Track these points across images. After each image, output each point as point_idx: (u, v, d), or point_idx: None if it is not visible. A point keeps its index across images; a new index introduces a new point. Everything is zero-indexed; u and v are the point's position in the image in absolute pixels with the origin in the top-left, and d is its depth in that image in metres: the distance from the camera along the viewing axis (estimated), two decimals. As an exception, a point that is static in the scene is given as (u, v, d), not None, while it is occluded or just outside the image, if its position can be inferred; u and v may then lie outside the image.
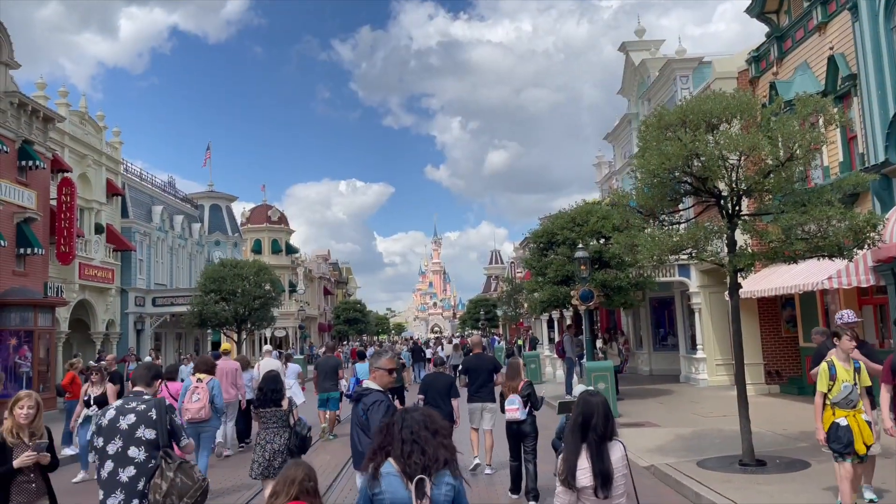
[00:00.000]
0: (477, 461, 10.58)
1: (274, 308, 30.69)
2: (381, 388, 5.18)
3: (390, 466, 3.35)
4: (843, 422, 6.79)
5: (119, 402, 4.94)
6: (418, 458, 3.31)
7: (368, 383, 5.30)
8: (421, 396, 9.91)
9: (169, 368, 12.57)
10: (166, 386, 10.21)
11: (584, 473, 3.91)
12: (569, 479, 3.94)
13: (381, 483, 3.32)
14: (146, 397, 4.93)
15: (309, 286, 60.13)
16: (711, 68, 19.74)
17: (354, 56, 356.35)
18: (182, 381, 11.40)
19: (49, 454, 5.28)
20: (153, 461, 4.61)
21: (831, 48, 14.96)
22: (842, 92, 14.59)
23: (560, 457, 4.13)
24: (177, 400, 9.91)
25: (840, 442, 6.76)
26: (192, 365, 14.31)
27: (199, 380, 10.17)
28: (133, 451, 4.61)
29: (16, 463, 5.09)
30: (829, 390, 6.92)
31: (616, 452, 4.01)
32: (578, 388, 8.81)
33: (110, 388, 11.54)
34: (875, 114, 13.32)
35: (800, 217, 8.99)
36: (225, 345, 18.45)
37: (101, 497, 4.63)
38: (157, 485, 4.50)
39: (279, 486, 3.85)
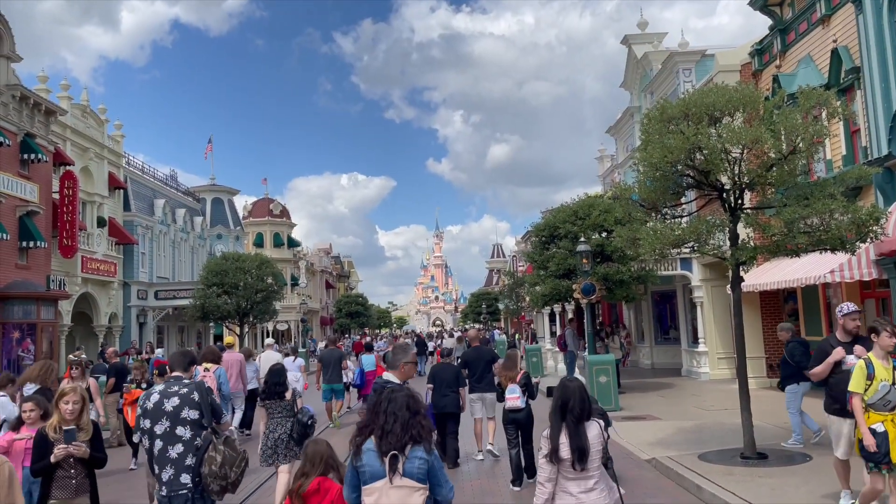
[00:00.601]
0: (481, 456, 10.84)
1: (276, 301, 30.73)
2: (399, 381, 5.34)
3: (370, 443, 3.77)
4: (879, 427, 6.04)
5: (161, 386, 5.28)
6: (392, 437, 3.71)
7: (389, 376, 5.51)
8: (430, 385, 10.39)
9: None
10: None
11: (564, 448, 4.32)
12: (551, 454, 4.34)
13: (362, 458, 3.77)
14: (185, 381, 5.28)
15: (311, 280, 60.19)
16: (714, 61, 19.67)
17: (356, 49, 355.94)
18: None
19: (84, 446, 5.22)
20: (198, 439, 5.01)
21: (835, 41, 14.90)
22: (845, 85, 14.53)
23: (544, 434, 4.50)
24: None
25: (877, 449, 5.98)
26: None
27: (206, 369, 10.42)
28: (180, 430, 5.01)
29: (52, 457, 5.13)
30: (865, 391, 6.18)
31: (592, 431, 4.41)
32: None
33: (93, 384, 10.74)
34: (878, 107, 13.28)
35: (802, 210, 8.98)
36: (228, 339, 18.94)
37: (155, 471, 5.05)
38: (212, 457, 4.92)
39: (307, 467, 4.36)
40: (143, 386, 11.76)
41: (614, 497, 4.54)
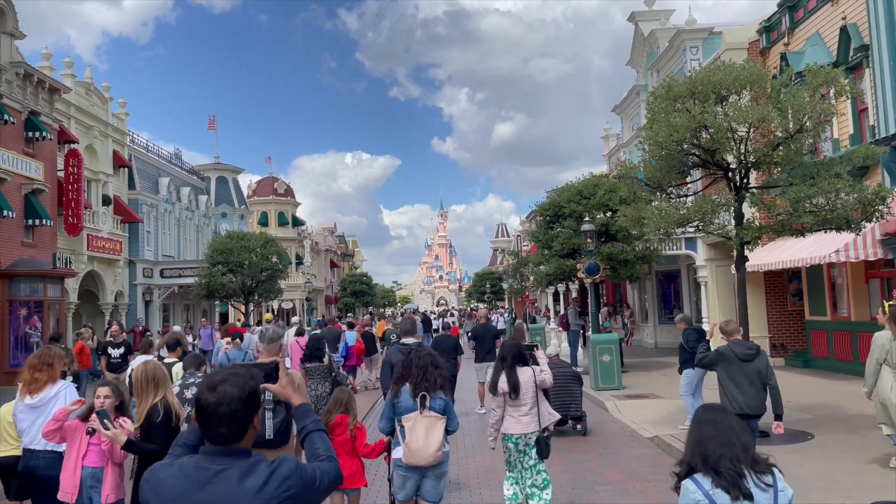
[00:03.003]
0: (483, 411, 12.44)
1: (281, 280, 30.81)
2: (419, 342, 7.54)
3: (406, 388, 5.29)
4: None
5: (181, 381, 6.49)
6: (423, 382, 5.25)
7: (408, 340, 8.01)
8: None
9: (298, 329, 15.00)
10: (297, 341, 12.93)
11: (503, 385, 6.35)
12: (494, 388, 6.44)
13: (400, 397, 5.28)
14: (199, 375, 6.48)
15: (315, 259, 60.30)
16: (722, 39, 19.48)
17: (360, 25, 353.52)
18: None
19: (113, 429, 4.84)
20: None
21: (844, 18, 14.73)
22: (853, 63, 14.39)
23: (489, 376, 6.79)
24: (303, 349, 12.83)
25: None
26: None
27: (227, 343, 12.36)
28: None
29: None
30: None
31: (524, 374, 6.37)
32: (552, 349, 12.05)
33: None
34: (887, 85, 13.16)
35: (808, 190, 8.95)
36: (267, 315, 20.70)
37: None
38: None
39: (332, 407, 5.77)
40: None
41: (547, 422, 6.45)
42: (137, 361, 8.38)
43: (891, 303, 11.13)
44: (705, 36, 21.75)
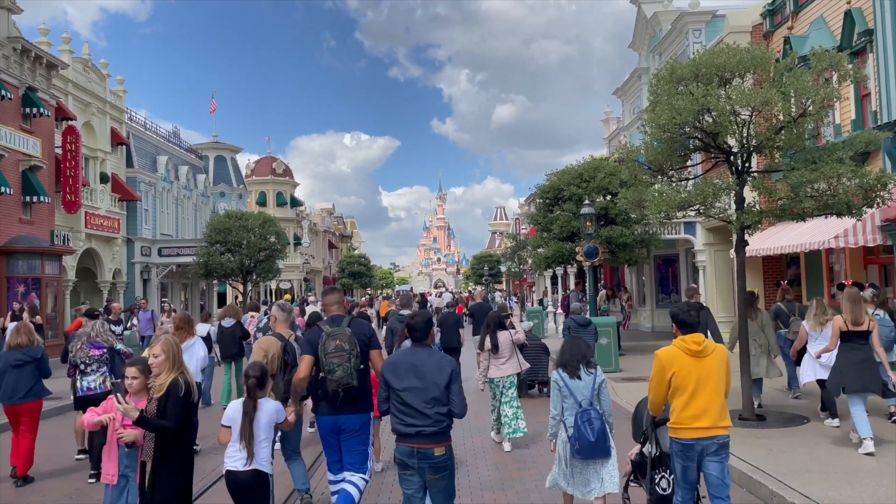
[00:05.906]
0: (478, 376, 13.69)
1: (279, 260, 30.83)
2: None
3: (406, 342, 6.51)
4: None
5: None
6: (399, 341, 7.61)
7: (405, 311, 10.67)
8: (438, 329, 13.81)
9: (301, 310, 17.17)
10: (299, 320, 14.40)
11: (487, 343, 9.09)
12: (482, 345, 9.23)
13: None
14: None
15: (313, 239, 60.25)
16: (725, 22, 19.34)
17: (360, 4, 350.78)
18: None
19: (126, 404, 4.70)
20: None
21: (848, 2, 14.61)
22: (857, 48, 14.30)
23: (479, 337, 9.81)
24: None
25: None
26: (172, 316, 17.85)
27: (252, 315, 14.61)
28: None
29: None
30: None
31: (502, 336, 9.18)
32: (526, 325, 14.10)
33: None
34: (890, 71, 13.08)
35: (810, 174, 8.92)
36: (286, 296, 21.67)
37: None
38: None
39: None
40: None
41: (521, 369, 9.32)
42: (202, 330, 10.79)
43: (751, 290, 12.05)
44: (708, 19, 21.58)
